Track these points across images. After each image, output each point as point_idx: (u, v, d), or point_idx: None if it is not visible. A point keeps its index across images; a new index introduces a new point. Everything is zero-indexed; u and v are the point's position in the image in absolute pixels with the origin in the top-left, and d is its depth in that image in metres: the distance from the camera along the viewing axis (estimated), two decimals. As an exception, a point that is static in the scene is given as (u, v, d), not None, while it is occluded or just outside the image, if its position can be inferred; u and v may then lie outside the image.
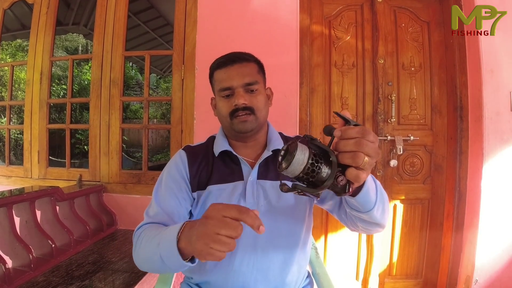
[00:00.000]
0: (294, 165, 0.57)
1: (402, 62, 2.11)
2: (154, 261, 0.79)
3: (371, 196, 0.72)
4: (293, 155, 0.57)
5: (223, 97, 0.99)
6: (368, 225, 0.83)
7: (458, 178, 2.02)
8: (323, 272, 1.17)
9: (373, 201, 0.73)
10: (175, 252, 0.71)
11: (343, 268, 2.13)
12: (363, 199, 0.71)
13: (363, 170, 0.59)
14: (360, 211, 0.75)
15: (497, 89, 1.87)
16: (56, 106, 7.18)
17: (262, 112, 1.00)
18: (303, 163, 0.57)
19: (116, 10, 2.21)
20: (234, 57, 1.00)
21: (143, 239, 0.86)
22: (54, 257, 1.52)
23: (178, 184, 0.98)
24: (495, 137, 1.86)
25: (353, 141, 0.58)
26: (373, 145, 0.59)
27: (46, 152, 2.31)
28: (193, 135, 2.02)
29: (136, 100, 10.56)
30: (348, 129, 0.60)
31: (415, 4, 2.13)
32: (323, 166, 0.59)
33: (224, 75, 0.99)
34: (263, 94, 1.01)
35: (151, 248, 0.80)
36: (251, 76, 0.98)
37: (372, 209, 0.74)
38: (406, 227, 2.12)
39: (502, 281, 1.87)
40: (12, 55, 7.20)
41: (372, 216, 0.76)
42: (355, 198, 0.70)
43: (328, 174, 0.59)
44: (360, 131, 0.59)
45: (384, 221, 0.82)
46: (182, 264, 0.72)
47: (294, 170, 0.58)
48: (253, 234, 0.93)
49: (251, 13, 1.98)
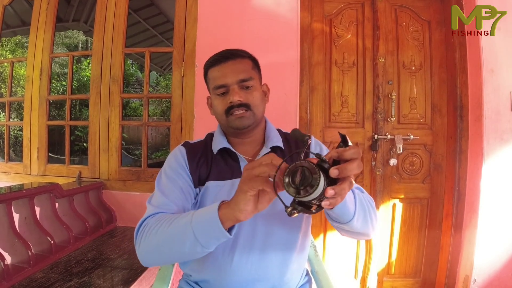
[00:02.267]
0: (316, 193, 0.53)
1: (403, 61, 2.11)
2: (177, 242, 0.77)
3: (348, 208, 0.74)
4: (317, 183, 0.53)
5: (218, 95, 0.99)
6: (351, 234, 0.86)
7: (457, 177, 2.02)
8: (322, 270, 1.17)
9: (351, 212, 0.75)
10: (215, 220, 0.70)
11: (342, 266, 2.13)
12: (340, 211, 0.73)
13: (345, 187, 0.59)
14: (340, 222, 0.78)
15: (497, 89, 1.87)
16: (56, 103, 7.17)
17: (259, 108, 0.99)
18: (322, 191, 0.54)
19: (117, 7, 2.20)
20: (227, 54, 0.99)
21: (159, 225, 0.81)
22: (53, 253, 1.53)
23: (181, 177, 0.97)
24: (495, 136, 1.86)
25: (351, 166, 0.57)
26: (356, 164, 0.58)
27: (46, 148, 2.31)
28: (193, 133, 2.01)
29: (136, 97, 10.55)
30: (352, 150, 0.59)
31: (416, 3, 2.12)
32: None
33: (218, 73, 0.98)
34: (258, 90, 1.00)
35: (176, 228, 0.78)
36: (245, 73, 0.97)
37: (351, 220, 0.76)
38: (405, 226, 2.12)
39: (500, 280, 1.88)
40: (12, 51, 7.18)
41: (352, 226, 0.77)
42: (332, 210, 0.72)
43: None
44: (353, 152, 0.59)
45: (367, 230, 0.83)
46: (220, 234, 0.70)
47: (314, 196, 0.54)
48: (252, 232, 0.94)
49: (252, 11, 1.98)
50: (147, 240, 0.82)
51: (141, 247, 0.84)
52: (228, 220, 0.69)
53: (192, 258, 0.85)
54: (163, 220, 0.81)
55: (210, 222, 0.71)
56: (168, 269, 1.14)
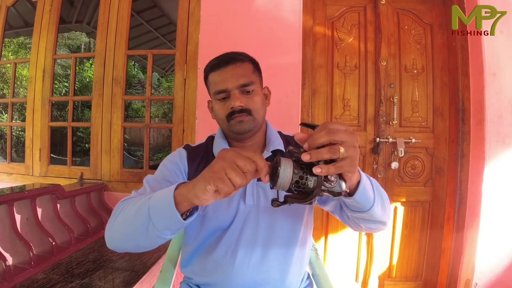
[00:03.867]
0: (281, 183, 0.60)
1: (405, 64, 2.11)
2: (134, 220, 0.75)
3: (368, 193, 0.72)
4: (277, 174, 0.60)
5: (219, 100, 0.98)
6: (370, 224, 0.82)
7: (459, 181, 2.02)
8: (323, 273, 1.17)
9: (371, 198, 0.73)
10: (169, 201, 0.68)
11: (343, 269, 2.13)
12: (361, 197, 0.70)
13: (346, 159, 0.60)
14: (361, 211, 0.75)
15: (499, 92, 1.87)
16: (58, 104, 7.19)
17: (259, 113, 0.98)
18: (289, 179, 0.60)
19: (120, 9, 2.21)
20: (227, 58, 0.98)
21: (128, 204, 0.81)
22: (55, 254, 1.53)
23: (174, 175, 0.96)
24: (497, 140, 1.86)
25: (321, 135, 0.60)
26: (341, 131, 0.60)
27: (48, 149, 2.31)
28: (194, 135, 2.02)
29: (138, 99, 10.58)
30: (314, 132, 0.62)
31: (418, 6, 2.12)
32: (308, 175, 0.61)
33: (218, 78, 0.97)
34: (259, 94, 0.99)
35: (137, 206, 0.76)
36: (246, 77, 0.96)
37: (372, 207, 0.74)
38: (406, 229, 2.12)
39: (502, 284, 1.87)
40: (15, 52, 7.21)
41: (373, 214, 0.75)
42: (354, 197, 0.69)
43: (315, 181, 0.61)
44: (322, 125, 0.61)
45: (386, 218, 0.82)
46: (171, 213, 0.68)
47: (283, 186, 0.61)
48: (253, 235, 0.94)
49: (254, 14, 1.98)
50: (113, 220, 0.82)
51: (107, 227, 0.82)
52: (184, 201, 0.67)
53: (149, 243, 0.78)
54: (134, 201, 0.81)
55: (164, 199, 0.70)
56: (169, 271, 1.14)
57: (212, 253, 0.95)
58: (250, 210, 0.96)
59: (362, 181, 0.69)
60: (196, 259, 1.00)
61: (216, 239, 0.96)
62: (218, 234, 0.96)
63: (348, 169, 0.61)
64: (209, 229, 0.97)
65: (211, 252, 0.95)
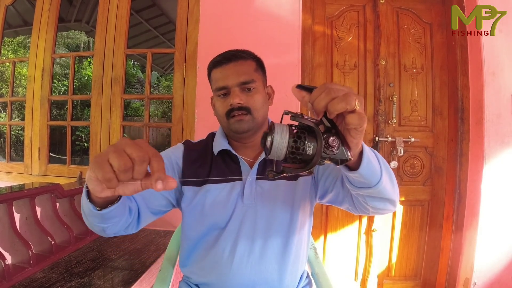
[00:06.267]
0: (276, 150, 0.55)
1: (404, 64, 2.11)
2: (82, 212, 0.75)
3: (374, 165, 0.66)
4: (271, 140, 0.55)
5: (219, 96, 0.98)
6: (378, 203, 0.76)
7: (458, 180, 2.02)
8: (322, 272, 1.17)
9: (378, 170, 0.67)
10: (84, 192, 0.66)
11: (342, 268, 2.13)
12: (367, 169, 0.64)
13: (358, 114, 0.53)
14: (368, 186, 0.69)
15: (498, 92, 1.87)
16: (57, 103, 7.17)
17: (260, 112, 0.98)
18: (284, 145, 0.55)
19: (119, 8, 2.20)
20: (229, 56, 0.98)
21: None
22: (54, 253, 1.52)
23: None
24: (496, 139, 1.86)
25: (322, 97, 0.54)
26: (343, 91, 0.53)
27: (47, 148, 2.31)
28: (194, 134, 2.02)
29: (138, 98, 10.56)
30: (313, 94, 0.56)
31: (417, 6, 2.12)
32: (307, 141, 0.55)
33: (219, 74, 0.97)
34: (261, 93, 0.99)
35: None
36: (247, 75, 0.96)
37: (380, 180, 0.68)
38: (405, 228, 2.12)
39: (501, 283, 1.87)
40: (14, 51, 7.19)
41: (381, 189, 0.69)
42: (359, 171, 0.63)
43: (314, 147, 0.55)
44: (322, 86, 0.55)
45: (395, 196, 0.76)
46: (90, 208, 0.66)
47: (279, 154, 0.56)
48: (251, 234, 0.93)
49: (254, 13, 1.98)
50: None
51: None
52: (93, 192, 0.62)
53: (102, 232, 0.78)
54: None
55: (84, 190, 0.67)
56: (168, 270, 1.14)
57: (210, 253, 0.95)
58: (247, 209, 0.95)
59: (365, 151, 0.63)
60: (194, 258, 1.00)
61: (214, 238, 0.96)
62: (215, 233, 0.96)
63: (357, 126, 0.54)
64: (206, 228, 0.97)
65: (209, 252, 0.95)
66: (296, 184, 0.97)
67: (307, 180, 0.98)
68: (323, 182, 0.96)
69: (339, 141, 0.56)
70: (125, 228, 0.85)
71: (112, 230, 0.80)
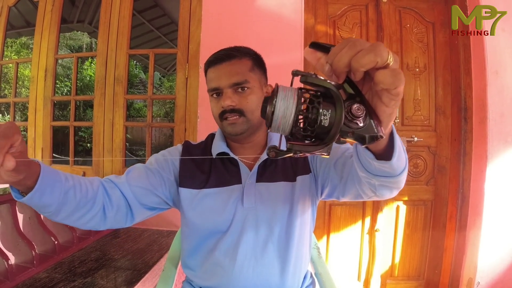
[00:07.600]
0: (278, 120, 0.42)
1: (407, 63, 2.10)
2: None
3: (403, 152, 0.55)
4: (273, 107, 0.42)
5: (213, 97, 0.95)
6: (389, 191, 0.68)
7: (461, 179, 2.01)
8: (325, 272, 1.17)
9: (404, 158, 0.56)
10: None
11: (345, 268, 2.12)
12: (399, 158, 0.53)
13: (392, 71, 0.41)
14: (390, 176, 0.58)
15: (501, 91, 1.86)
16: (60, 104, 7.20)
17: (255, 113, 0.91)
18: (290, 113, 0.41)
19: (121, 8, 2.21)
20: (223, 55, 0.93)
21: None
22: (57, 253, 1.53)
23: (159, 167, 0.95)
24: (499, 139, 1.86)
25: (344, 52, 0.41)
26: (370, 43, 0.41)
27: (50, 149, 2.32)
28: (196, 134, 2.02)
29: (140, 98, 10.58)
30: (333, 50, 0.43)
31: (420, 5, 2.12)
32: (322, 108, 0.41)
33: (212, 75, 0.94)
34: (256, 94, 0.93)
35: None
36: (240, 75, 0.91)
37: (405, 168, 0.59)
38: (408, 228, 2.11)
39: (504, 283, 1.86)
40: (17, 52, 7.23)
41: (402, 179, 0.61)
42: (392, 162, 0.52)
43: (332, 117, 0.40)
44: (344, 41, 0.42)
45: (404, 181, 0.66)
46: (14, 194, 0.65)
47: (283, 126, 0.42)
48: (253, 238, 0.92)
49: (256, 12, 1.98)
50: None
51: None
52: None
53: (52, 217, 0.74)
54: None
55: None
56: (171, 270, 1.14)
57: (212, 256, 0.93)
58: (248, 212, 0.93)
59: (395, 133, 0.51)
60: (196, 262, 0.98)
61: (215, 241, 0.94)
62: (217, 237, 0.94)
63: (390, 85, 0.41)
64: (207, 231, 0.95)
65: (211, 255, 0.94)
66: (295, 185, 0.95)
67: (306, 179, 0.96)
68: (321, 176, 0.94)
69: (366, 111, 0.42)
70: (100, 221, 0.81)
71: (71, 220, 0.76)
